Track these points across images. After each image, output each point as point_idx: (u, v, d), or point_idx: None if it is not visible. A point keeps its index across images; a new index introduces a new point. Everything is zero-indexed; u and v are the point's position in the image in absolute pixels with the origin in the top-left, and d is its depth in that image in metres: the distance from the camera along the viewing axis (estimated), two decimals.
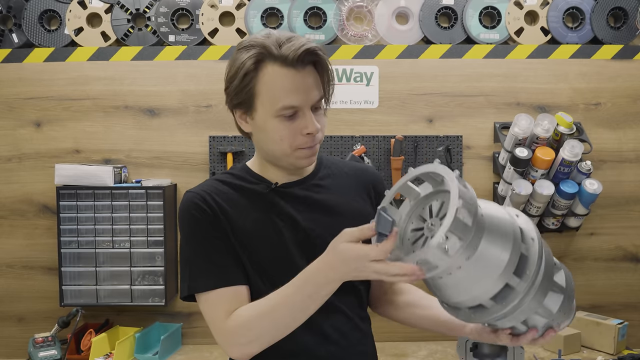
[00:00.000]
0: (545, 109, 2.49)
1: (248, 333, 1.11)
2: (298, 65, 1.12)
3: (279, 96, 1.13)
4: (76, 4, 2.47)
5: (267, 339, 1.12)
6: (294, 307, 1.08)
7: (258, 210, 1.21)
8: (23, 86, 2.48)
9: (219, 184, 1.24)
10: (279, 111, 1.13)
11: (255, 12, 2.47)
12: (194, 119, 2.49)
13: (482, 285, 0.94)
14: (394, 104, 2.50)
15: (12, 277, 2.51)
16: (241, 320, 1.12)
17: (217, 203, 1.19)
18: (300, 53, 1.11)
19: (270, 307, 1.10)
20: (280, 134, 1.15)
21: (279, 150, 1.17)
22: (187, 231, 1.20)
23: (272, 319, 1.09)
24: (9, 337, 2.51)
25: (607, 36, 2.49)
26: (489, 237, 0.92)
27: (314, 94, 1.15)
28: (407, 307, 1.36)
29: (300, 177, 1.26)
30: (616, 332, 2.26)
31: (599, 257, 2.55)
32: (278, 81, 1.12)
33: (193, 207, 1.19)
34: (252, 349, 1.12)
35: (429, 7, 2.48)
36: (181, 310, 2.52)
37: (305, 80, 1.13)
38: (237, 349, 1.13)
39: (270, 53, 1.12)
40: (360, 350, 1.28)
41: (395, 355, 2.33)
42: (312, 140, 1.17)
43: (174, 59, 2.48)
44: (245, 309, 1.13)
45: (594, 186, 2.32)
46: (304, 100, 1.13)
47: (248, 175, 1.26)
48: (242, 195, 1.22)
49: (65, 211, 2.34)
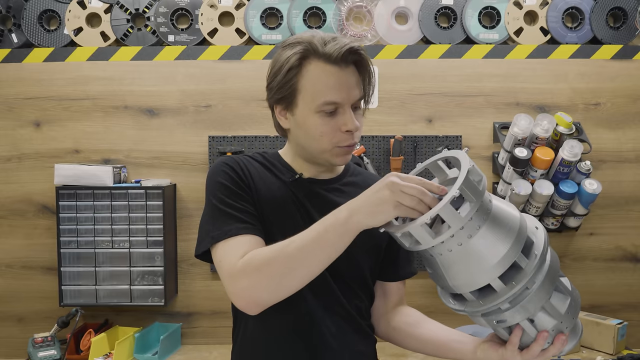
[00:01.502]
0: (545, 109, 2.49)
1: (257, 269, 1.05)
2: (341, 63, 1.15)
3: (321, 92, 1.15)
4: (75, 4, 2.47)
5: (276, 280, 1.04)
6: (310, 243, 1.03)
7: (279, 194, 1.23)
8: (22, 86, 2.48)
9: (251, 160, 1.26)
10: (320, 107, 1.15)
11: (255, 12, 2.47)
12: (194, 119, 2.49)
13: (492, 258, 0.94)
14: (394, 104, 2.50)
15: (12, 277, 2.51)
16: (252, 256, 1.07)
17: (249, 170, 1.22)
18: (344, 51, 1.14)
19: (285, 244, 1.05)
20: (320, 130, 1.17)
21: (318, 147, 1.19)
22: (216, 187, 1.19)
23: (284, 256, 1.04)
24: (9, 337, 2.51)
25: (606, 36, 2.49)
26: (498, 214, 0.96)
27: (355, 92, 1.17)
28: (409, 327, 1.32)
29: (327, 177, 1.28)
30: (615, 332, 2.26)
31: (599, 257, 2.55)
32: (322, 77, 1.15)
33: (225, 166, 1.21)
34: (257, 291, 1.05)
35: (429, 7, 2.48)
36: (180, 310, 2.52)
37: (347, 79, 1.16)
38: (243, 290, 1.06)
39: (315, 50, 1.15)
40: (360, 350, 1.28)
41: (396, 355, 2.33)
42: (351, 137, 1.18)
43: (173, 59, 2.48)
44: (259, 249, 1.09)
45: (593, 186, 2.32)
46: (345, 98, 1.16)
47: (278, 163, 1.28)
48: (269, 174, 1.25)
49: (65, 211, 2.34)
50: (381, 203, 0.98)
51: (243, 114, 2.48)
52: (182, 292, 2.51)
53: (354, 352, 1.26)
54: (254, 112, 2.48)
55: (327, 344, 1.21)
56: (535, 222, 1.04)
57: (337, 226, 1.01)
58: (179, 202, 2.50)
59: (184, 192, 2.49)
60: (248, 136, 2.47)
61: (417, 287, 2.52)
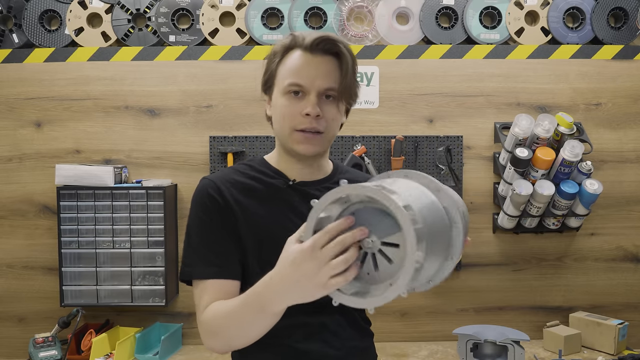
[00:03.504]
0: (546, 109, 2.49)
1: (212, 329, 1.12)
2: (315, 50, 1.18)
3: (289, 73, 1.19)
4: (76, 4, 2.47)
5: (228, 340, 1.11)
6: (245, 317, 1.05)
7: (273, 203, 1.23)
8: (23, 86, 2.48)
9: (236, 174, 1.25)
10: (287, 88, 1.18)
11: (256, 12, 2.47)
12: (195, 119, 2.49)
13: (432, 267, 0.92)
14: (395, 104, 2.50)
15: (13, 277, 2.51)
16: (209, 315, 1.13)
17: (231, 193, 1.21)
18: (317, 38, 1.18)
19: (229, 310, 1.09)
20: (283, 111, 1.19)
21: (282, 131, 1.21)
22: (196, 218, 1.22)
23: (230, 321, 1.09)
24: (10, 337, 2.51)
25: (607, 36, 2.49)
26: (432, 237, 0.89)
27: (324, 81, 1.18)
28: None
29: (317, 178, 1.28)
30: (616, 332, 2.26)
31: (600, 257, 2.55)
32: (293, 61, 1.19)
33: (206, 195, 1.21)
34: (216, 346, 1.13)
35: (430, 7, 2.48)
36: (181, 311, 2.52)
37: (317, 65, 1.18)
38: (206, 342, 1.14)
39: (297, 42, 1.20)
40: (359, 349, 1.29)
41: (395, 355, 2.33)
42: (310, 122, 1.18)
43: (174, 59, 2.48)
44: (216, 305, 1.13)
45: (594, 186, 2.32)
46: (310, 83, 1.17)
47: (266, 169, 1.28)
48: (259, 185, 1.24)
49: (66, 211, 2.34)
50: (307, 284, 0.90)
51: (244, 114, 2.48)
52: (183, 292, 2.51)
53: (353, 348, 1.26)
54: (255, 112, 2.48)
55: (326, 341, 1.22)
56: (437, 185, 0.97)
57: (266, 311, 1.00)
58: (180, 202, 2.50)
59: (185, 192, 2.49)
60: (249, 136, 2.47)
61: None
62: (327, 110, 1.19)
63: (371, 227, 0.89)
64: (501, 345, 1.89)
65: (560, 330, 2.33)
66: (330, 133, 1.22)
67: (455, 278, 2.53)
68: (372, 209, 0.91)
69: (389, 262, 0.89)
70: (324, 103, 1.19)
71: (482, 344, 1.92)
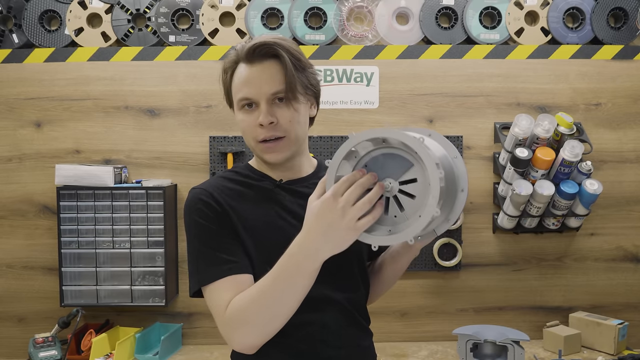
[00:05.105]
0: (546, 109, 2.49)
1: (242, 320, 1.09)
2: (253, 59, 1.18)
3: (237, 90, 1.21)
4: (76, 4, 2.47)
5: (262, 325, 1.09)
6: (281, 286, 1.06)
7: (265, 204, 1.23)
8: (23, 86, 2.48)
9: (224, 181, 1.26)
10: (239, 103, 1.21)
11: (256, 12, 2.47)
12: (194, 119, 2.49)
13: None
14: (395, 104, 2.50)
15: (13, 277, 2.51)
16: (235, 307, 1.10)
17: (224, 199, 1.21)
18: (248, 47, 1.18)
19: (259, 289, 1.08)
20: (242, 126, 1.22)
21: (247, 144, 1.24)
22: (194, 226, 1.20)
23: (263, 300, 1.07)
24: (9, 337, 2.52)
25: (607, 36, 2.49)
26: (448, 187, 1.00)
27: (269, 86, 1.18)
28: (374, 274, 1.41)
29: (301, 176, 1.29)
30: (616, 333, 2.26)
31: (600, 257, 2.55)
32: (238, 76, 1.21)
33: (200, 202, 1.20)
34: (249, 339, 1.10)
35: (429, 7, 2.48)
36: (181, 311, 2.52)
37: (259, 74, 1.18)
38: (236, 339, 1.11)
39: (238, 55, 1.21)
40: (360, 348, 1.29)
41: (395, 355, 2.33)
42: (267, 131, 1.19)
43: (174, 59, 2.48)
44: (240, 296, 1.11)
45: (594, 186, 2.32)
46: (255, 93, 1.18)
47: (252, 173, 1.29)
48: (248, 189, 1.25)
49: (66, 211, 2.35)
50: (337, 230, 0.97)
51: None
52: (183, 293, 2.51)
53: (353, 347, 1.26)
54: None
55: (327, 340, 1.22)
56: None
57: (303, 270, 1.03)
58: (180, 202, 2.50)
59: (185, 192, 2.49)
60: None
61: (417, 287, 2.52)
62: (281, 114, 1.19)
63: (385, 174, 0.99)
64: (501, 345, 1.89)
65: (560, 330, 2.33)
66: (292, 134, 1.21)
67: (455, 278, 2.53)
68: (381, 156, 1.00)
69: (412, 197, 0.97)
70: (277, 107, 1.19)
71: (482, 344, 1.92)
